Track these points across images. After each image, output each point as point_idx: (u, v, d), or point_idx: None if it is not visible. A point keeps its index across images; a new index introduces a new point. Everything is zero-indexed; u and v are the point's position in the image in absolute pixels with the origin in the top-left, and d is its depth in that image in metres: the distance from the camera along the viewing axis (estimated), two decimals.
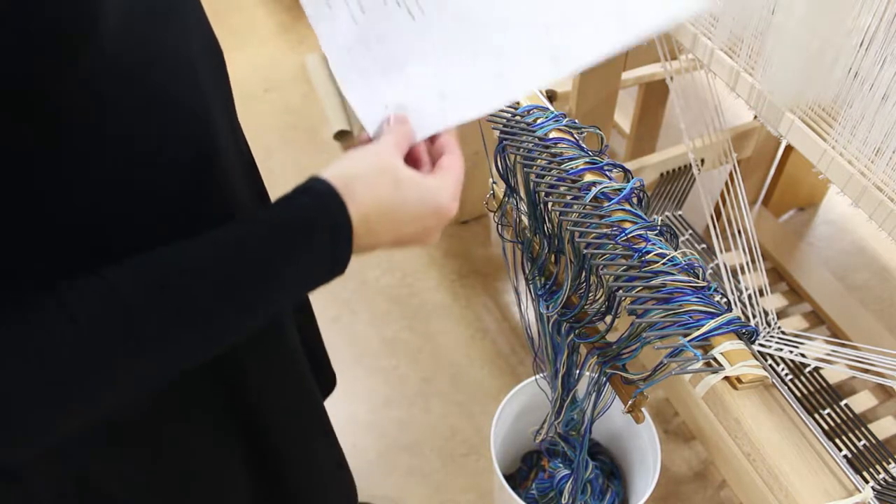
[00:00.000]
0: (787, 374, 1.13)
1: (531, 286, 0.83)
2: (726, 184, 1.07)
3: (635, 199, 0.72)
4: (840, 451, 1.03)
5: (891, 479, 0.97)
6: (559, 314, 0.79)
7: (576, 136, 0.76)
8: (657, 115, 1.69)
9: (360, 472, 1.44)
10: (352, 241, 0.50)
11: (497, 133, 0.77)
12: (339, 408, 1.56)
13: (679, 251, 0.67)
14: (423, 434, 1.48)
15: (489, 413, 1.22)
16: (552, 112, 0.77)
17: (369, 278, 1.74)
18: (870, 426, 1.08)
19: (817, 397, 1.11)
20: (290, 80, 2.22)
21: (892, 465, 0.99)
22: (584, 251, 0.68)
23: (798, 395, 1.12)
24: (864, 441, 1.04)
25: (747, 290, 1.01)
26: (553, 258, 0.79)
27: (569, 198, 0.70)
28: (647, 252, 0.66)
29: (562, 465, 1.17)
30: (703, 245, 1.28)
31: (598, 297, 0.72)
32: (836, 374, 1.15)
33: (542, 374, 0.96)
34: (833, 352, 0.87)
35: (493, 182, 0.89)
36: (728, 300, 0.96)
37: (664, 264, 0.65)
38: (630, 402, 0.72)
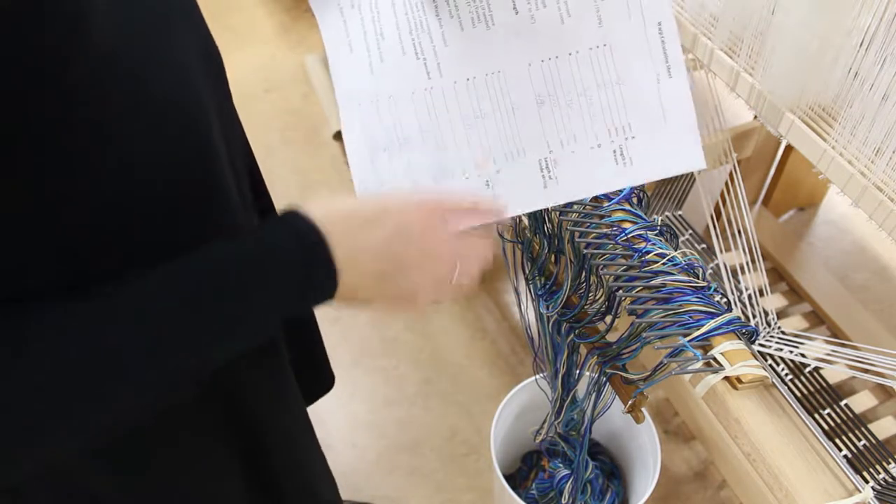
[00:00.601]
0: (787, 374, 1.12)
1: (531, 286, 0.83)
2: (726, 184, 1.07)
3: (635, 199, 0.72)
4: (840, 451, 1.02)
5: (891, 479, 0.97)
6: (559, 314, 0.79)
7: None
8: None
9: (360, 472, 1.44)
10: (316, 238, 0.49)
11: None
12: (340, 408, 1.56)
13: (679, 251, 0.67)
14: (423, 434, 1.48)
15: (489, 413, 1.22)
16: None
17: None
18: (870, 426, 1.08)
19: (817, 397, 1.11)
20: (290, 80, 2.22)
21: (892, 465, 0.99)
22: (584, 251, 0.68)
23: (798, 395, 1.12)
24: (864, 441, 1.04)
25: (747, 290, 1.01)
26: (553, 258, 0.79)
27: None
28: (647, 252, 0.66)
29: (562, 465, 1.17)
30: (703, 245, 1.28)
31: (598, 297, 0.72)
32: (836, 374, 1.15)
33: (542, 374, 0.96)
34: (833, 352, 0.87)
35: None
36: (728, 300, 0.96)
37: (664, 264, 0.65)
38: (630, 402, 0.72)
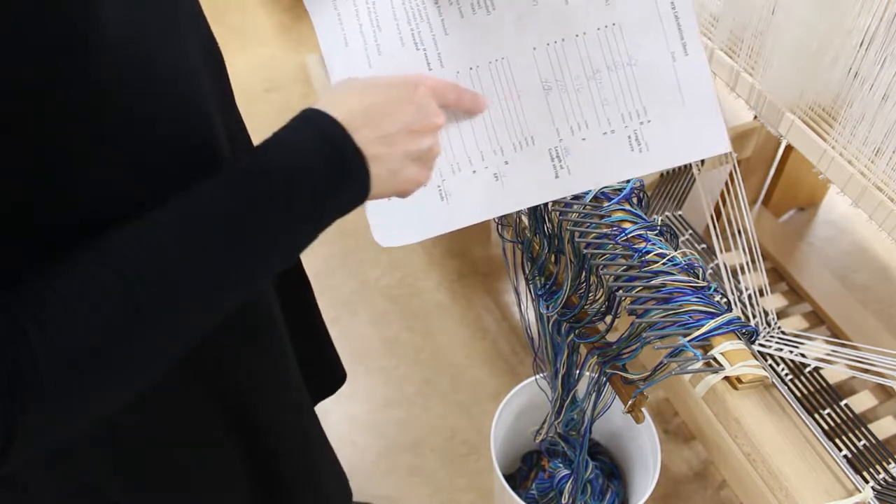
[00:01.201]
0: (787, 374, 1.12)
1: (531, 286, 0.83)
2: (726, 184, 1.07)
3: (635, 199, 0.72)
4: (840, 451, 1.02)
5: (891, 479, 0.97)
6: (559, 314, 0.79)
7: None
8: None
9: (360, 472, 1.44)
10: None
11: None
12: (340, 408, 1.56)
13: (679, 251, 0.67)
14: (423, 434, 1.48)
15: (489, 413, 1.22)
16: None
17: (369, 278, 1.74)
18: (870, 426, 1.08)
19: (817, 397, 1.11)
20: (291, 80, 2.22)
21: (892, 465, 0.99)
22: (584, 251, 0.68)
23: (798, 395, 1.12)
24: (864, 441, 1.04)
25: (747, 290, 1.01)
26: (553, 258, 0.79)
27: (568, 197, 0.70)
28: (647, 252, 0.66)
29: (562, 465, 1.17)
30: (703, 245, 1.28)
31: (598, 297, 0.72)
32: (836, 374, 1.15)
33: (542, 374, 0.96)
34: (833, 352, 0.87)
35: None
36: (728, 300, 0.96)
37: (664, 264, 0.65)
38: (630, 402, 0.72)
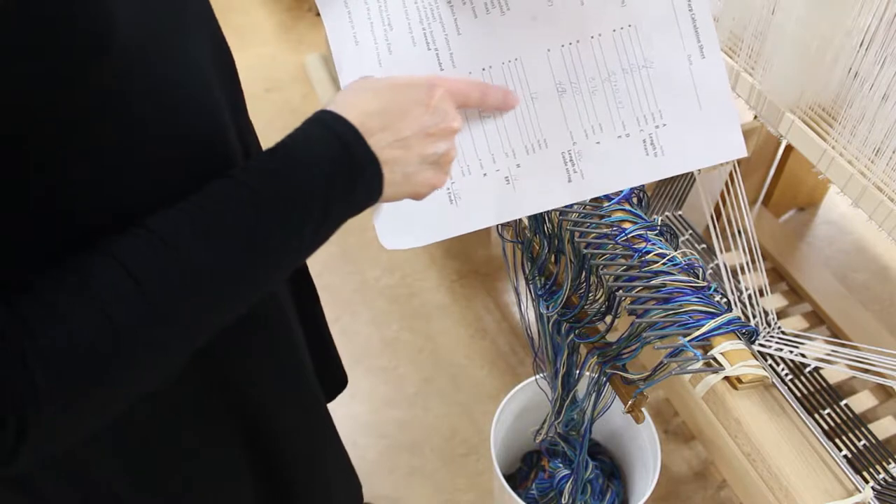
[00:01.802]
0: (787, 374, 1.12)
1: (531, 286, 0.83)
2: (726, 184, 1.07)
3: (635, 199, 0.72)
4: (840, 451, 1.02)
5: (891, 479, 0.97)
6: (559, 314, 0.79)
7: None
8: None
9: (360, 472, 1.44)
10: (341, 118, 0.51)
11: None
12: (340, 408, 1.56)
13: (679, 251, 0.67)
14: (423, 434, 1.48)
15: (489, 413, 1.22)
16: None
17: (369, 278, 1.74)
18: (870, 426, 1.08)
19: (817, 397, 1.11)
20: (291, 80, 2.22)
21: (892, 465, 0.99)
22: (584, 251, 0.68)
23: (798, 395, 1.12)
24: (864, 441, 1.04)
25: (747, 290, 1.01)
26: (553, 258, 0.79)
27: None
28: (647, 252, 0.66)
29: (562, 465, 1.17)
30: (703, 245, 1.28)
31: (598, 297, 0.72)
32: (836, 374, 1.15)
33: (542, 374, 0.96)
34: (833, 352, 0.87)
35: None
36: (728, 300, 0.96)
37: (664, 264, 0.65)
38: (630, 402, 0.72)
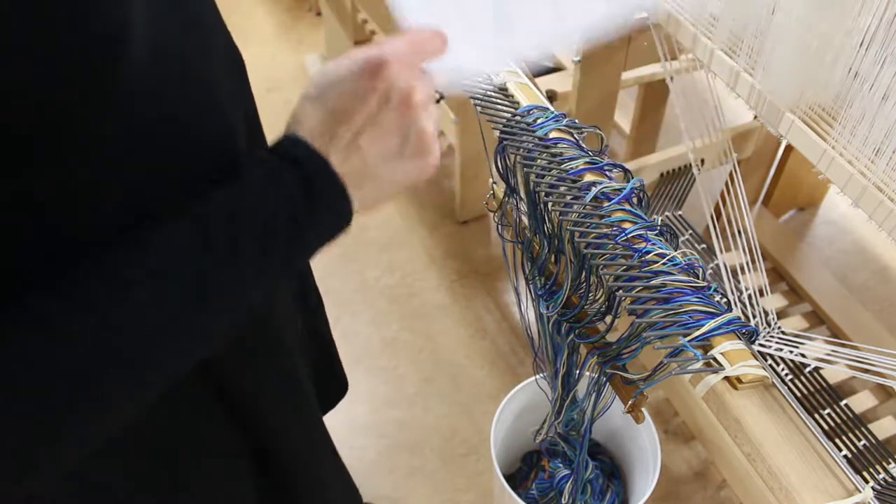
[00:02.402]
0: (787, 374, 1.13)
1: (531, 286, 0.83)
2: (726, 184, 1.07)
3: (635, 199, 0.72)
4: (840, 451, 1.03)
5: (891, 479, 0.97)
6: (559, 314, 0.79)
7: (576, 136, 0.76)
8: (657, 115, 1.69)
9: (360, 472, 1.44)
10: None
11: (497, 133, 0.77)
12: (340, 408, 1.55)
13: (679, 251, 0.67)
14: (423, 434, 1.48)
15: (489, 413, 1.22)
16: (552, 112, 0.77)
17: (369, 279, 1.74)
18: (870, 426, 1.08)
19: (817, 397, 1.11)
20: (291, 80, 2.22)
21: (892, 465, 0.99)
22: (584, 251, 0.68)
23: (798, 395, 1.12)
24: (864, 441, 1.04)
25: (747, 290, 1.01)
26: (553, 258, 0.79)
27: (569, 198, 0.70)
28: (647, 252, 0.66)
29: (562, 465, 1.17)
30: (703, 245, 1.28)
31: (598, 297, 0.72)
32: (836, 374, 1.15)
33: (542, 374, 0.96)
34: (833, 352, 0.87)
35: (493, 182, 0.89)
36: (728, 300, 0.96)
37: (664, 264, 0.65)
38: (630, 402, 0.72)
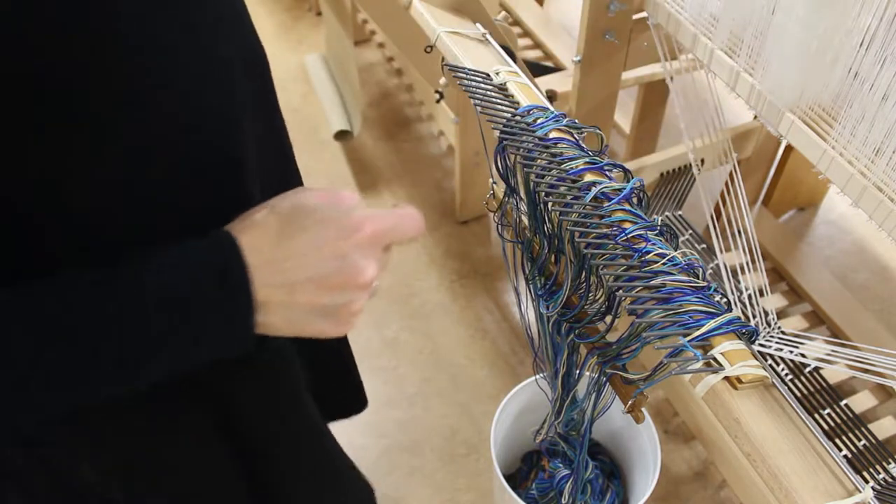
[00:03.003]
0: (787, 374, 1.13)
1: (531, 286, 0.83)
2: (726, 184, 1.07)
3: (635, 199, 0.72)
4: (840, 451, 1.03)
5: (891, 479, 0.97)
6: (559, 314, 0.79)
7: (576, 136, 0.76)
8: (657, 115, 1.69)
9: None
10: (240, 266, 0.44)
11: (497, 133, 0.77)
12: None
13: (679, 251, 0.67)
14: (423, 434, 1.48)
15: (489, 413, 1.22)
16: (552, 112, 0.77)
17: None
18: (870, 426, 1.08)
19: (817, 397, 1.11)
20: (291, 80, 2.22)
21: (892, 465, 0.99)
22: (584, 251, 0.68)
23: (798, 395, 1.12)
24: (864, 441, 1.04)
25: (747, 290, 1.01)
26: (553, 258, 0.79)
27: (569, 198, 0.70)
28: (647, 252, 0.66)
29: (562, 465, 1.17)
30: (703, 245, 1.28)
31: (598, 297, 0.72)
32: (836, 374, 1.15)
33: (542, 374, 0.96)
34: (833, 352, 0.87)
35: (493, 182, 0.89)
36: (728, 300, 0.96)
37: (664, 264, 0.65)
38: (630, 403, 0.72)
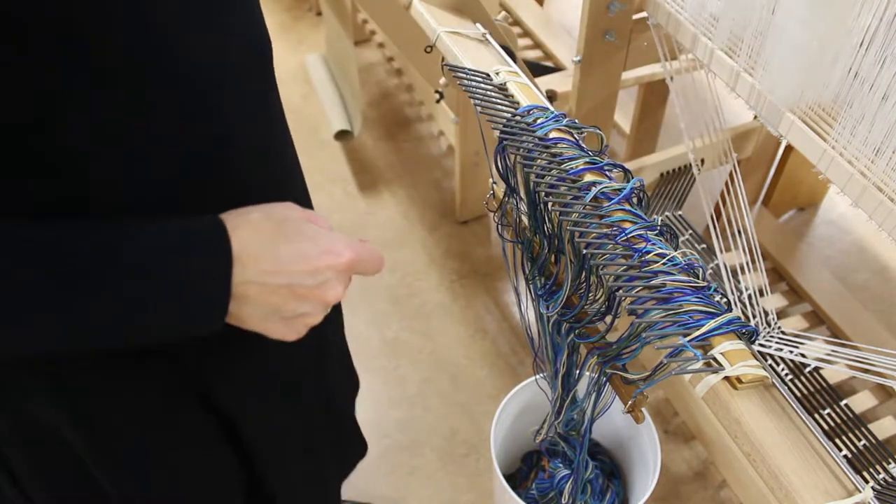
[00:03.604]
0: (787, 374, 1.13)
1: (531, 286, 0.83)
2: (726, 184, 1.07)
3: (635, 199, 0.72)
4: (840, 451, 1.03)
5: (891, 479, 0.97)
6: (559, 314, 0.79)
7: (576, 136, 0.76)
8: (657, 115, 1.69)
9: (360, 472, 1.44)
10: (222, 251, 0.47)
11: (497, 133, 0.77)
12: None
13: (679, 251, 0.67)
14: (423, 434, 1.48)
15: (489, 413, 1.22)
16: (552, 112, 0.77)
17: (369, 279, 1.73)
18: (870, 426, 1.08)
19: (817, 397, 1.11)
20: (291, 80, 2.22)
21: (892, 465, 0.99)
22: (584, 251, 0.68)
23: (798, 395, 1.12)
24: (864, 441, 1.04)
25: (747, 290, 1.01)
26: (553, 258, 0.79)
27: (569, 198, 0.70)
28: (647, 252, 0.66)
29: (562, 465, 1.17)
30: (703, 245, 1.28)
31: (598, 297, 0.72)
32: (836, 374, 1.15)
33: (542, 374, 0.96)
34: (833, 352, 0.87)
35: (493, 182, 0.89)
36: (728, 300, 0.96)
37: (664, 264, 0.65)
38: (630, 402, 0.72)
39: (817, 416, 1.08)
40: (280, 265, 0.49)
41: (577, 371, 0.85)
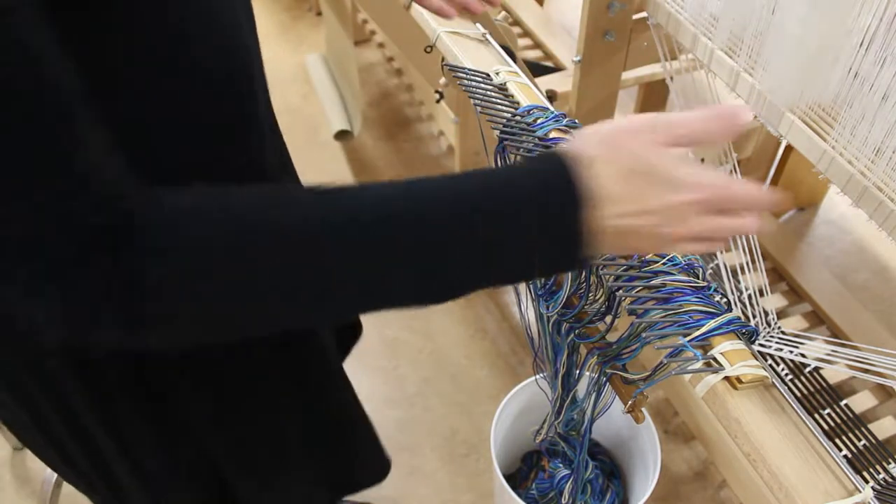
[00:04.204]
0: (787, 374, 1.12)
1: (531, 286, 0.83)
2: None
3: None
4: (840, 451, 1.02)
5: (891, 479, 0.97)
6: (559, 314, 0.79)
7: None
8: None
9: None
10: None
11: (497, 133, 0.77)
12: None
13: None
14: (423, 434, 1.48)
15: (489, 413, 1.22)
16: (552, 112, 0.77)
17: None
18: (870, 426, 1.08)
19: (817, 397, 1.11)
20: (290, 80, 2.22)
21: (892, 465, 0.99)
22: None
23: (798, 395, 1.12)
24: (864, 441, 1.04)
25: (747, 290, 1.01)
26: None
27: None
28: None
29: (562, 465, 1.17)
30: None
31: (598, 297, 0.72)
32: (836, 374, 1.15)
33: (542, 374, 0.96)
34: (833, 352, 0.87)
35: None
36: (728, 300, 0.96)
37: (664, 264, 0.65)
38: (630, 402, 0.72)
39: (817, 416, 1.08)
40: (634, 205, 0.48)
41: (577, 371, 0.85)
